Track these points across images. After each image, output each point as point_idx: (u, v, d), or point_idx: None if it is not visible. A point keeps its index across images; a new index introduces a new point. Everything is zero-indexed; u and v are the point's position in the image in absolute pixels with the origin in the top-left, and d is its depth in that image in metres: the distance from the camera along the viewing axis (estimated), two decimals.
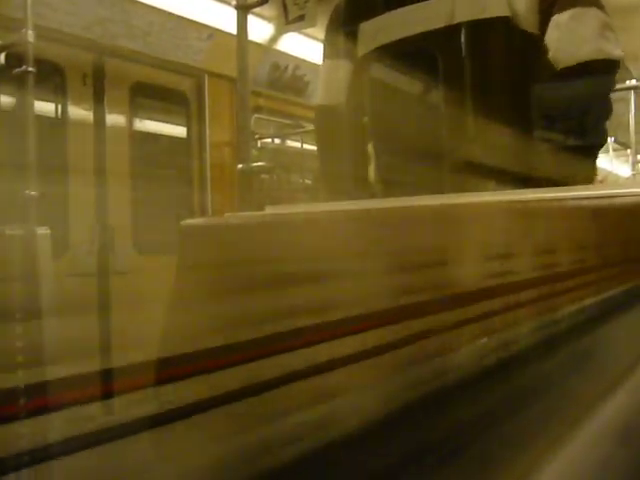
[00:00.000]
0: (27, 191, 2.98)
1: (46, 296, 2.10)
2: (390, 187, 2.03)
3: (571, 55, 1.77)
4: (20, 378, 0.81)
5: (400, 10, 1.97)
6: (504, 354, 1.09)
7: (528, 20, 1.83)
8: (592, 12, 1.79)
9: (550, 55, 1.78)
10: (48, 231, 2.69)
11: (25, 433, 0.73)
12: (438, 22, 1.88)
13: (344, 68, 2.12)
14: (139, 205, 4.60)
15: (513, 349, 1.13)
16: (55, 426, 0.75)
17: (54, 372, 0.82)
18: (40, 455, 0.72)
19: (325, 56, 2.25)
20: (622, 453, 0.80)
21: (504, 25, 1.83)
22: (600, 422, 0.85)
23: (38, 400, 0.75)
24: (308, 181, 6.78)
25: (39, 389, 0.77)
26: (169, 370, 0.89)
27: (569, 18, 1.77)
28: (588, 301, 1.50)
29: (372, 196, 2.08)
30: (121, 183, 4.51)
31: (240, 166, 2.61)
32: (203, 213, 5.16)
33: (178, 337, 0.96)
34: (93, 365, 0.81)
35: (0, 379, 0.77)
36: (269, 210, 1.63)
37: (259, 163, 2.76)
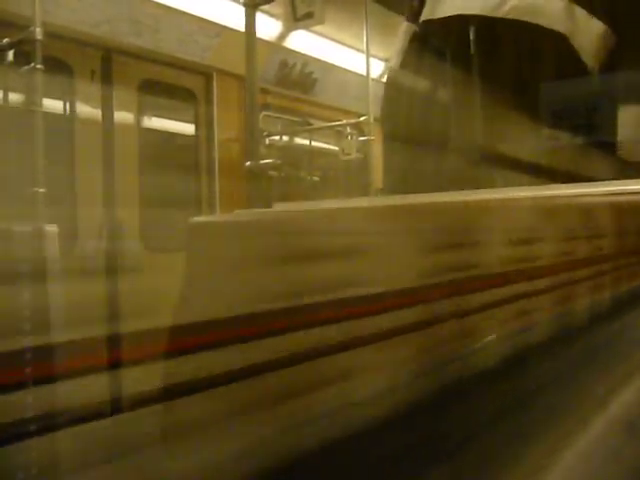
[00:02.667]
0: (35, 188, 2.99)
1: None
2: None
3: None
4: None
5: None
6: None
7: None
8: None
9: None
10: (56, 228, 2.69)
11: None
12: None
13: None
14: (146, 202, 4.61)
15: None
16: None
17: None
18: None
19: None
20: (631, 446, 0.79)
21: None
22: (609, 416, 0.84)
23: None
24: (316, 178, 6.77)
25: None
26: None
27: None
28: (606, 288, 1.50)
29: None
30: (129, 181, 4.52)
31: (248, 163, 2.62)
32: (211, 210, 5.16)
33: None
34: None
35: None
36: (277, 207, 1.63)
37: (267, 160, 2.76)
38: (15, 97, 3.84)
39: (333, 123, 6.21)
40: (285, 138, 6.38)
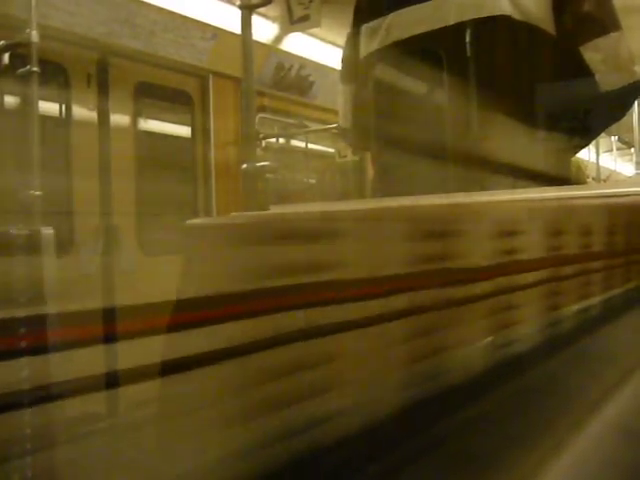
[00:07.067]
0: (31, 191, 2.99)
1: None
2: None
3: (615, 78, 1.85)
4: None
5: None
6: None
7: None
8: (623, 35, 1.88)
9: (597, 78, 1.85)
10: (52, 231, 2.70)
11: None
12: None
13: None
14: (143, 205, 4.61)
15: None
16: None
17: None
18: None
19: None
20: (625, 453, 0.80)
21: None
22: (603, 422, 0.85)
23: None
24: (312, 180, 6.77)
25: None
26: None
27: (611, 42, 1.85)
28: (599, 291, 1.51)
29: None
30: (126, 183, 4.52)
31: (244, 166, 2.61)
32: (207, 213, 5.16)
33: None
34: None
35: None
36: (274, 210, 1.63)
37: (263, 163, 2.75)
38: (10, 100, 3.84)
39: (329, 125, 6.21)
40: (281, 140, 6.38)
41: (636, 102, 5.72)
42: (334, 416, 0.79)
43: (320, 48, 6.02)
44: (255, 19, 2.79)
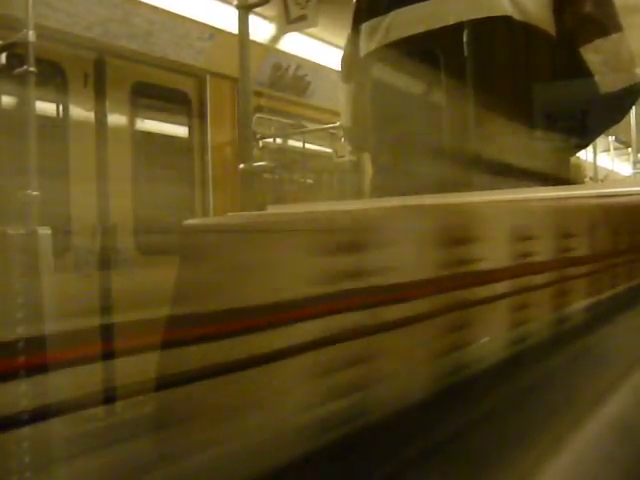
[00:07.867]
0: (28, 191, 2.98)
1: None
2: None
3: (616, 80, 1.86)
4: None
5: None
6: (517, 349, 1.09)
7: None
8: (624, 36, 1.88)
9: (596, 79, 1.86)
10: (49, 231, 2.69)
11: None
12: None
13: None
14: (140, 205, 4.61)
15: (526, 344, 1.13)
16: None
17: None
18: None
19: None
20: (624, 451, 0.80)
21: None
22: (602, 420, 0.85)
23: None
24: (310, 180, 6.77)
25: None
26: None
27: (612, 44, 1.85)
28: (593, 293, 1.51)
29: None
30: (122, 183, 4.52)
31: (242, 166, 2.62)
32: (204, 213, 5.16)
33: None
34: None
35: None
36: (271, 210, 1.63)
37: (261, 163, 2.76)
38: (7, 100, 3.84)
39: (327, 125, 6.21)
40: (278, 140, 6.38)
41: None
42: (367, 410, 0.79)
43: (317, 48, 6.02)
44: (252, 19, 2.79)
